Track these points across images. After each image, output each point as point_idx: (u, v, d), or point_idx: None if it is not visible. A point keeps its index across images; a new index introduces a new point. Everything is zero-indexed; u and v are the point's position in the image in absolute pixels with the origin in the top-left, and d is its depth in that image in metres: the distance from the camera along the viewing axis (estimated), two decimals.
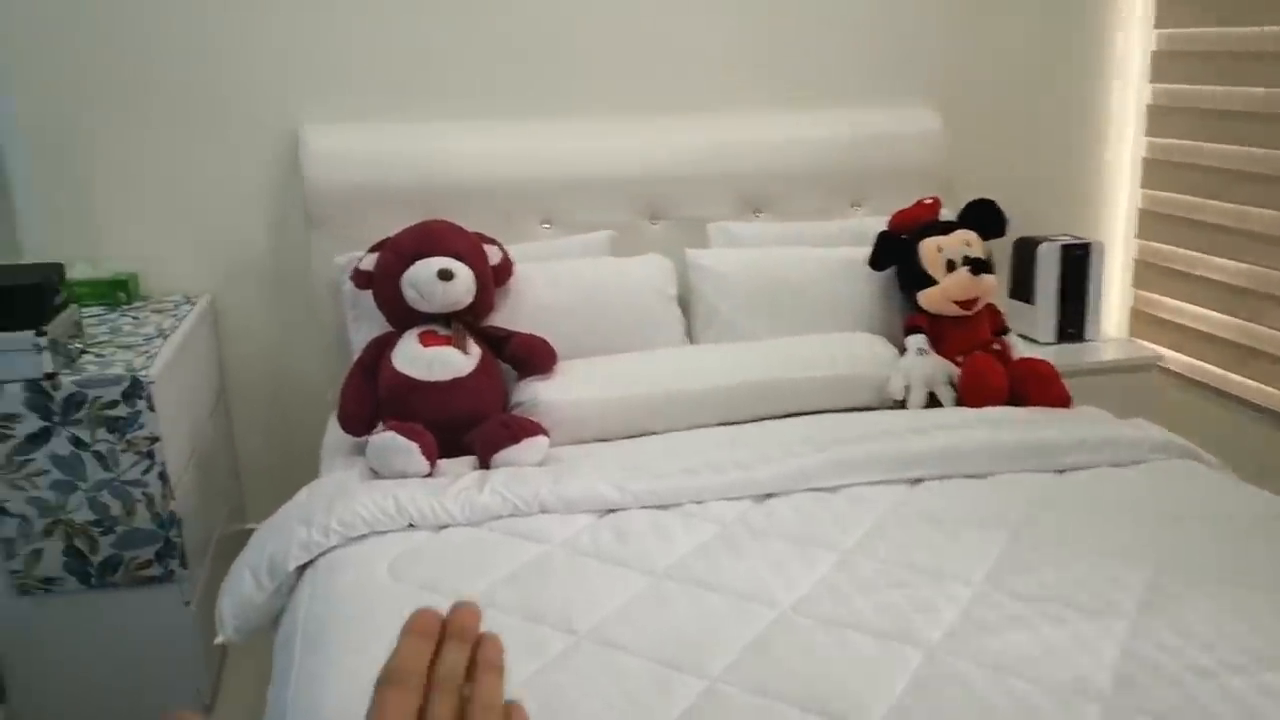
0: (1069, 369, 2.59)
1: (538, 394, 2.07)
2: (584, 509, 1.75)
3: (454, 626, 0.57)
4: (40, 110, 2.38)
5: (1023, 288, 2.76)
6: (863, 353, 2.27)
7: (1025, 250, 2.75)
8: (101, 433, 1.88)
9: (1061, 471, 1.91)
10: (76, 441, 1.87)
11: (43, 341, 1.85)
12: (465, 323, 2.15)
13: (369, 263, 2.20)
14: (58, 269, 2.03)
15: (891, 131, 2.75)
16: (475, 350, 2.11)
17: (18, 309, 1.85)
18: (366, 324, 2.28)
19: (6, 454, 1.85)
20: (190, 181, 2.50)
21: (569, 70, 2.64)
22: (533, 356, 2.14)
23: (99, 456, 1.89)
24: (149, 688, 2.02)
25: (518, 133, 2.57)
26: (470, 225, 2.29)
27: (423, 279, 2.09)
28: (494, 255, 2.25)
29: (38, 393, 1.85)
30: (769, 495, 1.81)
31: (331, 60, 2.51)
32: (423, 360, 2.05)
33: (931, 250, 2.32)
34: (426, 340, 2.10)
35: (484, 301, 2.19)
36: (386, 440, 1.85)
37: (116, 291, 2.43)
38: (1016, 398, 2.19)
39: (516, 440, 1.89)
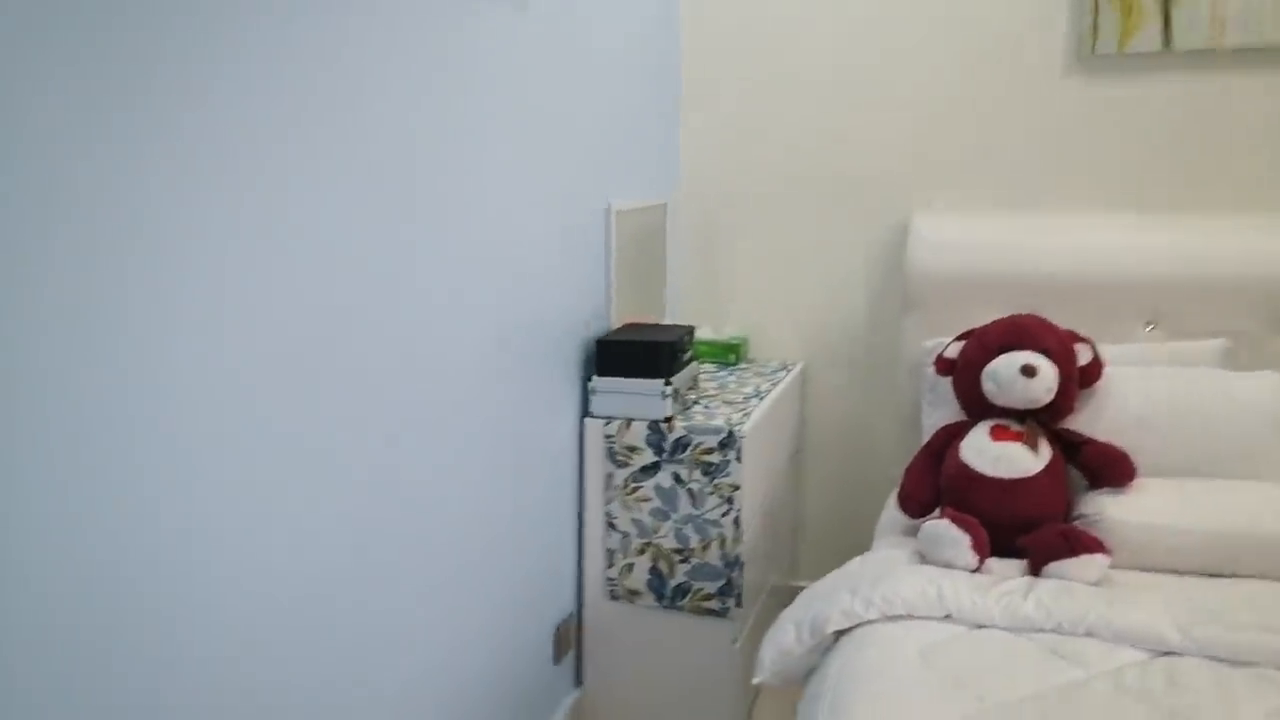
0: None
1: (1105, 508, 1.96)
2: (1135, 644, 1.62)
3: None
4: (696, 198, 2.83)
5: None
6: None
7: None
8: (697, 473, 2.18)
9: None
10: (676, 478, 2.19)
11: (668, 390, 2.20)
12: (1041, 421, 2.11)
13: (954, 350, 2.26)
14: (689, 331, 2.39)
15: None
16: (1046, 451, 2.05)
17: (655, 361, 2.22)
18: (941, 409, 2.34)
19: (624, 479, 2.23)
20: (807, 261, 2.78)
21: (1200, 161, 2.45)
22: (1107, 467, 2.02)
23: (691, 494, 2.19)
24: (689, 704, 2.27)
25: (1125, 225, 2.45)
26: (1066, 321, 2.24)
27: (1004, 373, 2.10)
28: (1084, 355, 2.17)
29: (656, 432, 2.20)
30: None
31: (947, 154, 2.62)
32: (990, 454, 2.06)
33: None
34: (997, 434, 2.10)
35: (1065, 402, 2.13)
36: (939, 528, 1.89)
37: (729, 353, 2.78)
38: None
39: (1074, 554, 1.81)
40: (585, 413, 2.27)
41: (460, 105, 1.69)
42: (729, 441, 2.16)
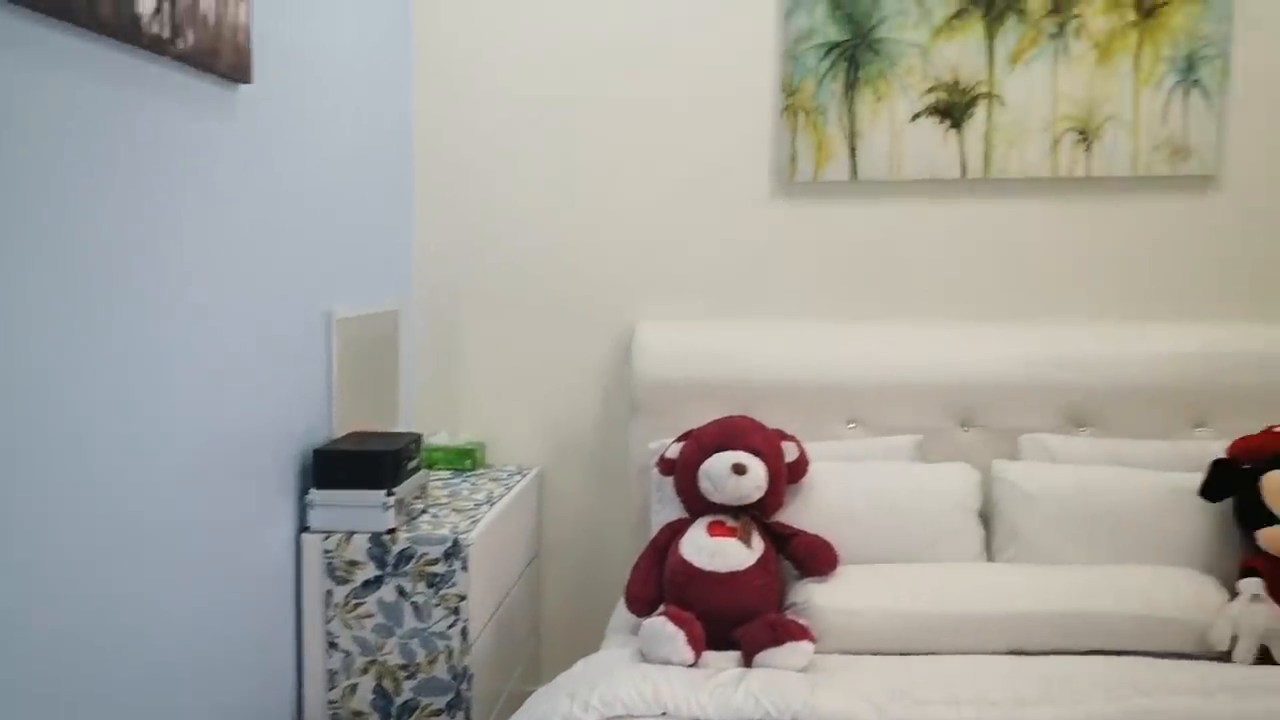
0: None
1: (811, 597, 2.07)
2: None
3: None
4: (429, 304, 2.84)
5: None
6: (1186, 593, 2.04)
7: None
8: (421, 586, 2.13)
9: None
10: (400, 591, 2.14)
11: (389, 500, 2.16)
12: (754, 516, 2.22)
13: (674, 451, 2.35)
14: (416, 439, 2.36)
15: (1251, 349, 2.52)
16: (759, 545, 2.16)
17: (377, 471, 2.17)
18: (668, 508, 2.41)
19: (344, 595, 2.15)
20: (541, 366, 2.83)
21: (893, 277, 2.71)
22: (812, 557, 2.15)
23: (415, 607, 2.13)
24: None
25: (834, 334, 2.66)
26: (776, 421, 2.39)
27: (716, 471, 2.20)
28: (790, 452, 2.32)
29: (378, 544, 2.14)
30: None
31: (668, 267, 2.77)
32: (707, 550, 2.14)
33: (1277, 484, 2.07)
34: (714, 530, 2.18)
35: (775, 497, 2.25)
36: (656, 626, 1.93)
37: (464, 459, 2.77)
38: None
39: (780, 643, 1.89)
40: (303, 527, 2.18)
41: (155, 208, 1.63)
42: (454, 551, 2.13)
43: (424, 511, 2.33)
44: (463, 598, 2.13)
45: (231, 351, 1.90)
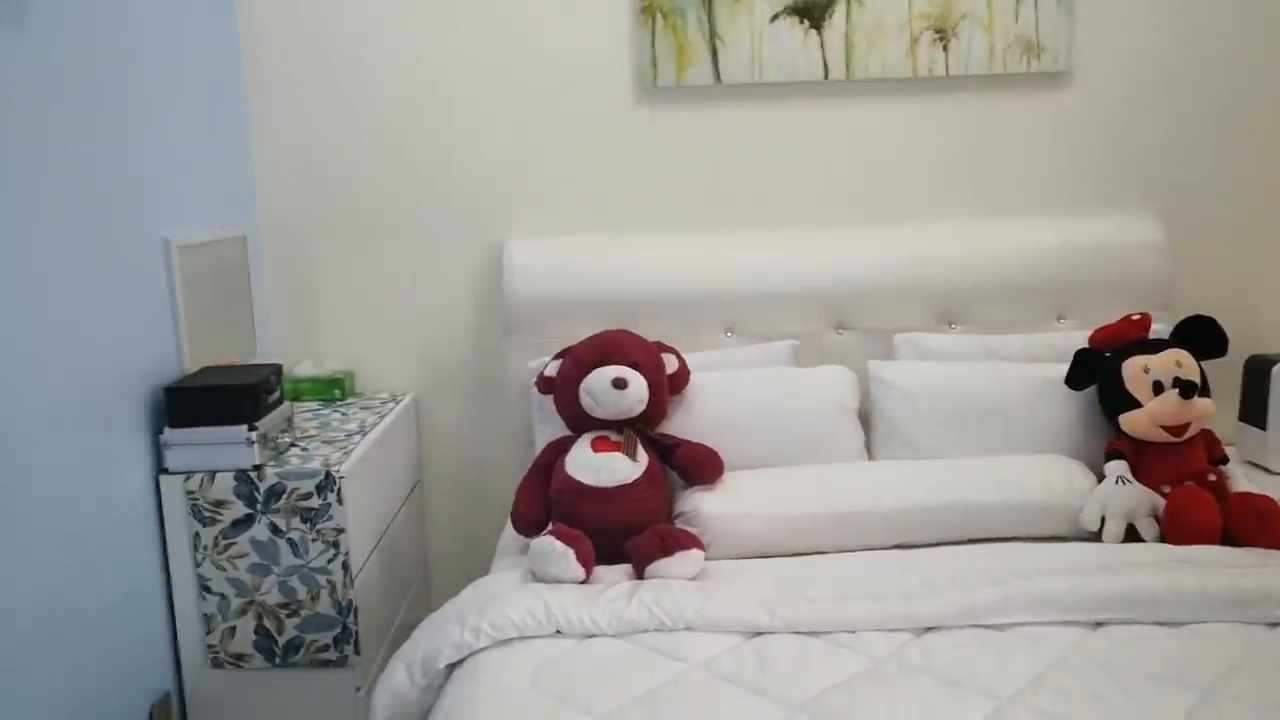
0: None
1: (698, 505, 2.07)
2: (730, 629, 1.71)
3: None
4: (280, 229, 2.67)
5: (1255, 411, 2.49)
6: (1057, 479, 2.11)
7: (1258, 370, 2.49)
8: (296, 522, 2.03)
9: (1274, 625, 1.69)
10: (274, 529, 2.03)
11: (253, 436, 2.04)
12: (638, 429, 2.19)
13: (552, 369, 2.29)
14: (276, 370, 2.23)
15: (1107, 241, 2.60)
16: (644, 458, 2.13)
17: (235, 406, 2.04)
18: (550, 426, 2.36)
19: (213, 537, 2.03)
20: (408, 289, 2.71)
21: (760, 183, 2.68)
22: (698, 466, 2.14)
23: (292, 544, 2.04)
24: None
25: (706, 244, 2.62)
26: (654, 334, 2.35)
27: (597, 387, 2.15)
28: (670, 364, 2.29)
29: (245, 482, 2.02)
30: (929, 629, 1.71)
31: (534, 180, 2.67)
32: (592, 466, 2.10)
33: (1136, 370, 2.15)
34: (598, 446, 2.15)
35: (657, 409, 2.22)
36: (544, 545, 1.89)
37: (333, 389, 2.64)
38: (1231, 537, 1.97)
39: (669, 553, 1.88)
40: (160, 469, 2.04)
41: None
42: (327, 483, 2.03)
43: (292, 445, 2.22)
44: (340, 530, 2.04)
45: (62, 285, 1.73)
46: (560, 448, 2.21)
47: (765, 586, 1.81)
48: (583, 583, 1.89)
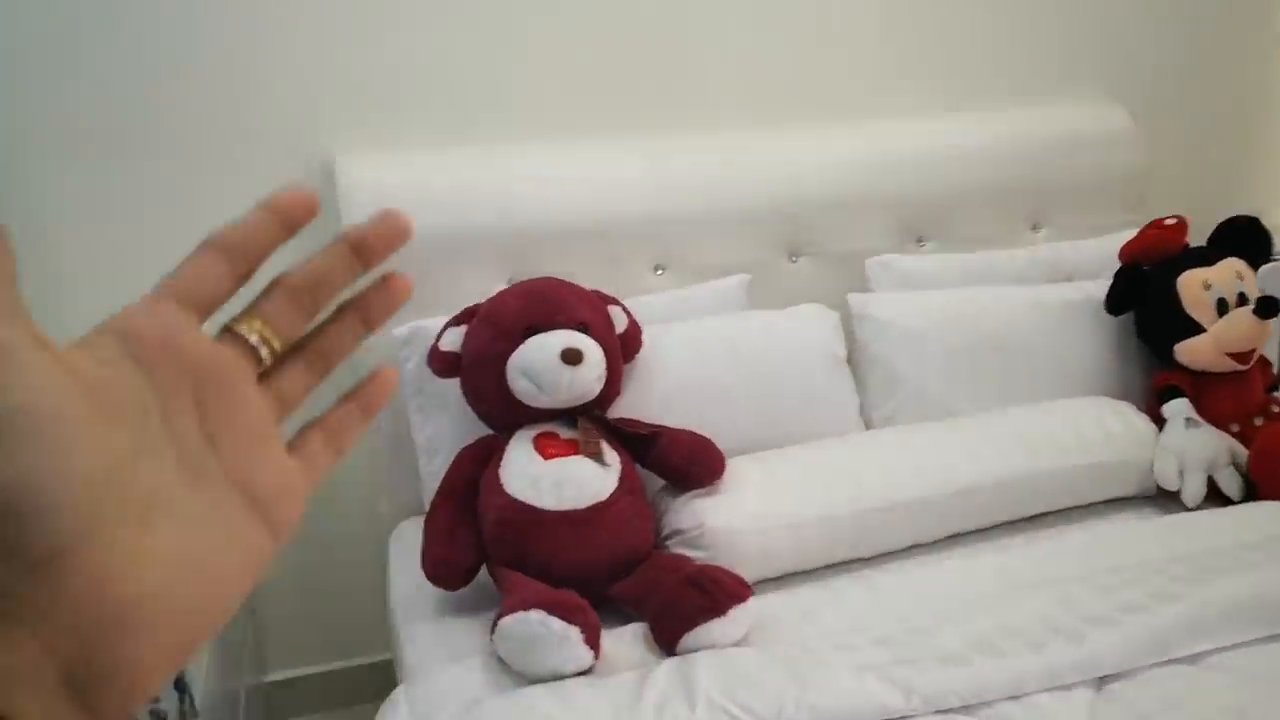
0: None
1: (705, 519, 1.46)
2: None
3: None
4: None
5: None
6: (1117, 428, 1.69)
7: None
8: None
9: None
10: None
11: None
12: (594, 417, 1.55)
13: (452, 341, 1.58)
14: None
15: (1073, 132, 2.17)
16: (614, 459, 1.50)
17: None
18: (438, 418, 1.68)
19: None
20: (197, 225, 1.84)
21: (675, 71, 2.02)
22: (694, 463, 1.53)
23: None
24: None
25: (617, 153, 1.96)
26: (561, 276, 1.69)
27: (541, 364, 1.48)
28: (619, 320, 1.65)
29: None
30: (1107, 678, 1.22)
31: (373, 70, 1.89)
32: (546, 480, 1.44)
33: (1195, 287, 1.75)
34: (545, 449, 1.49)
35: (612, 387, 1.59)
36: (530, 626, 1.22)
37: None
38: None
39: (721, 611, 1.27)
40: None
41: None
42: None
43: None
44: None
45: None
46: (481, 457, 1.53)
47: (863, 642, 1.25)
48: (588, 671, 1.25)
